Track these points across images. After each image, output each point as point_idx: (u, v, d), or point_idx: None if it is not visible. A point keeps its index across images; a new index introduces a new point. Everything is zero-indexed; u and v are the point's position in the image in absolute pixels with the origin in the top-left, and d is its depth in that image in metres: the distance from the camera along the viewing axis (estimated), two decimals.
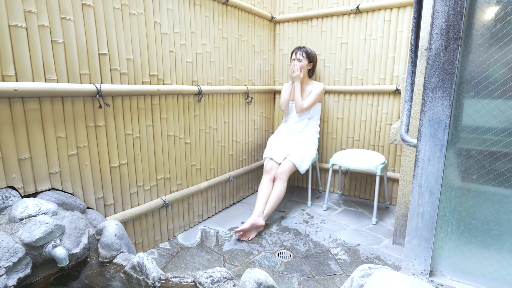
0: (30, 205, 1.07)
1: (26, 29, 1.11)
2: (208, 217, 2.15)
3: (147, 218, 1.68)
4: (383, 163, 2.07)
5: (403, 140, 1.00)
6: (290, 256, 1.70)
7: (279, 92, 2.70)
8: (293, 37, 2.57)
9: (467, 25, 0.80)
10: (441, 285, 0.90)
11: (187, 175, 1.91)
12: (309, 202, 2.37)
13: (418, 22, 0.98)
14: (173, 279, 1.01)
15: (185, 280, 1.00)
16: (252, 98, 2.39)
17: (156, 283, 0.99)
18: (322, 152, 2.62)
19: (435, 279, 0.91)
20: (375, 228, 2.02)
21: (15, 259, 0.93)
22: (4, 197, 1.08)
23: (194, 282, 0.99)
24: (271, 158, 2.19)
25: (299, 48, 2.29)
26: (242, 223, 2.03)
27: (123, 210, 1.54)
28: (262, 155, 2.59)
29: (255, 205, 2.01)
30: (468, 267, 0.89)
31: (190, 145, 1.90)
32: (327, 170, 2.61)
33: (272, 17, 2.54)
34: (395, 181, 2.29)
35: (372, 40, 2.24)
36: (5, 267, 0.90)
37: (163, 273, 1.02)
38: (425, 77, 0.83)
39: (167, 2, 1.62)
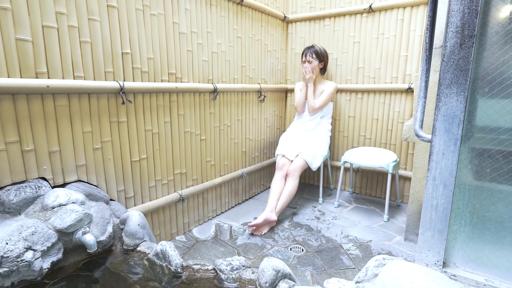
0: (60, 195, 1.14)
1: (57, 29, 1.18)
2: (222, 212, 2.20)
3: (165, 211, 1.74)
4: (395, 160, 2.08)
5: (417, 136, 1.03)
6: (303, 250, 1.74)
7: (291, 90, 2.74)
8: (305, 36, 2.60)
9: (482, 23, 0.83)
10: (454, 275, 0.93)
11: (202, 170, 1.97)
12: (320, 199, 2.40)
13: (433, 21, 1.01)
14: (194, 266, 1.06)
15: (206, 267, 1.05)
16: (265, 96, 2.44)
17: (179, 269, 1.04)
18: (334, 150, 2.65)
19: (448, 270, 0.94)
20: (386, 225, 2.04)
21: (49, 244, 1.00)
22: (36, 187, 1.15)
23: (215, 269, 1.04)
24: (283, 155, 2.23)
25: (308, 48, 2.32)
26: (255, 218, 2.07)
27: (142, 203, 1.61)
28: (274, 153, 2.63)
29: (268, 201, 2.05)
30: (481, 258, 0.91)
31: (205, 141, 1.95)
32: (338, 168, 2.63)
33: (285, 17, 2.58)
34: (407, 179, 2.30)
35: (385, 39, 2.26)
36: (41, 251, 0.97)
37: (184, 260, 1.08)
38: (440, 74, 0.86)
39: (185, 2, 1.68)
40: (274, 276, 0.94)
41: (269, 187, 2.66)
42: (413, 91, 2.17)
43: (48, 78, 1.17)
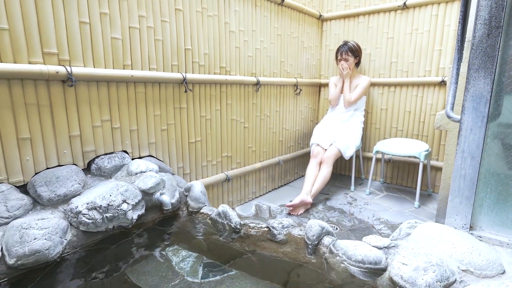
0: (141, 164, 1.40)
1: (139, 29, 1.44)
2: (260, 195, 2.41)
3: (213, 189, 1.98)
4: (427, 150, 2.18)
5: (448, 116, 1.17)
6: (337, 229, 1.90)
7: (324, 85, 2.89)
8: (340, 33, 2.75)
9: (509, 16, 0.96)
10: (480, 237, 1.06)
11: (245, 155, 2.18)
12: (352, 187, 2.54)
13: (465, 15, 1.14)
14: (250, 224, 1.27)
15: (260, 225, 1.26)
16: (300, 89, 2.62)
17: (238, 226, 1.26)
18: (366, 141, 2.76)
19: (474, 233, 1.08)
20: (417, 211, 2.14)
21: (136, 200, 1.25)
22: (122, 157, 1.42)
23: (268, 227, 1.24)
24: (318, 144, 2.39)
25: (343, 46, 2.44)
26: (290, 201, 2.26)
27: (196, 180, 1.85)
28: (308, 143, 2.80)
29: (303, 185, 2.23)
30: (505, 222, 1.04)
31: (248, 129, 2.17)
32: (369, 159, 2.75)
33: (320, 15, 2.74)
34: (439, 169, 2.37)
35: (419, 34, 2.35)
36: (132, 204, 1.22)
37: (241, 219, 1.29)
38: (469, 60, 1.00)
39: (235, 4, 1.90)
40: (320, 231, 1.12)
41: (303, 176, 2.84)
42: (446, 84, 2.25)
43: (131, 69, 1.43)
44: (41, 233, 0.98)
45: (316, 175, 2.29)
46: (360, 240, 1.08)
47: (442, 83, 2.27)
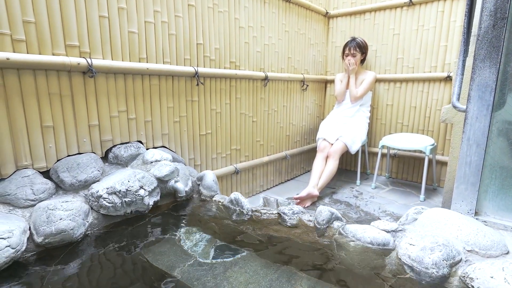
0: (156, 153, 1.45)
1: (154, 24, 1.49)
2: (267, 188, 2.46)
3: (222, 181, 2.03)
4: (433, 144, 2.21)
5: (454, 107, 1.20)
6: (344, 220, 1.94)
7: (330, 81, 2.93)
8: (346, 30, 2.78)
9: None
10: (485, 222, 1.10)
11: (253, 149, 2.23)
12: (357, 181, 2.58)
13: (471, 8, 1.18)
14: (261, 211, 1.32)
15: (271, 211, 1.31)
16: (307, 85, 2.66)
17: (250, 212, 1.31)
18: (371, 137, 2.80)
19: (479, 218, 1.11)
20: (423, 204, 2.17)
21: (152, 187, 1.30)
22: (137, 147, 1.48)
23: (279, 213, 1.29)
24: (324, 139, 2.43)
25: (351, 42, 2.48)
26: (297, 194, 2.30)
27: None
28: (314, 139, 2.84)
29: (310, 178, 2.27)
30: (510, 207, 1.07)
31: (256, 123, 2.22)
32: (375, 154, 2.78)
33: (327, 12, 2.78)
34: (444, 164, 2.40)
35: (425, 30, 2.38)
36: (148, 191, 1.28)
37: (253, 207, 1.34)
38: (475, 50, 1.04)
39: (245, 1, 1.95)
40: (330, 216, 1.17)
41: (309, 171, 2.88)
42: (451, 79, 2.28)
43: (147, 62, 1.49)
44: (66, 214, 1.04)
45: (323, 169, 2.33)
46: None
47: (448, 79, 2.30)
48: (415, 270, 0.90)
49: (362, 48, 2.47)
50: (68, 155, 1.28)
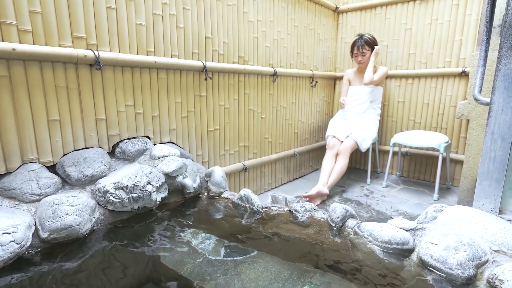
0: (163, 148, 1.42)
1: (162, 16, 1.46)
2: (276, 187, 2.41)
3: (230, 178, 1.99)
4: (447, 142, 2.14)
5: (476, 100, 1.14)
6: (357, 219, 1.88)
7: (339, 78, 2.87)
8: (356, 26, 2.72)
9: None
10: (510, 220, 1.04)
11: (261, 146, 2.19)
12: (368, 180, 2.51)
13: None
14: (272, 208, 1.27)
15: (282, 208, 1.26)
16: (316, 82, 2.60)
17: (260, 209, 1.26)
18: (382, 134, 2.73)
19: (504, 216, 1.05)
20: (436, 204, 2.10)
21: (160, 182, 1.27)
22: (144, 142, 1.45)
23: (290, 210, 1.24)
24: (334, 136, 2.38)
25: (358, 40, 2.39)
26: (307, 192, 2.25)
27: None
28: (322, 137, 2.78)
29: (320, 176, 2.22)
30: None
31: (264, 119, 2.17)
32: (386, 152, 2.72)
33: (336, 7, 2.72)
34: (458, 162, 2.33)
35: (438, 24, 2.31)
36: (156, 186, 1.24)
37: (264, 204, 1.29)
38: (501, 38, 0.98)
39: None
40: (344, 214, 1.12)
41: (317, 169, 2.83)
42: (467, 75, 2.20)
43: (154, 55, 1.46)
44: (72, 209, 1.01)
45: (332, 166, 2.28)
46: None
47: (463, 74, 2.23)
48: (439, 271, 0.84)
49: (371, 44, 2.41)
50: (75, 150, 1.25)
